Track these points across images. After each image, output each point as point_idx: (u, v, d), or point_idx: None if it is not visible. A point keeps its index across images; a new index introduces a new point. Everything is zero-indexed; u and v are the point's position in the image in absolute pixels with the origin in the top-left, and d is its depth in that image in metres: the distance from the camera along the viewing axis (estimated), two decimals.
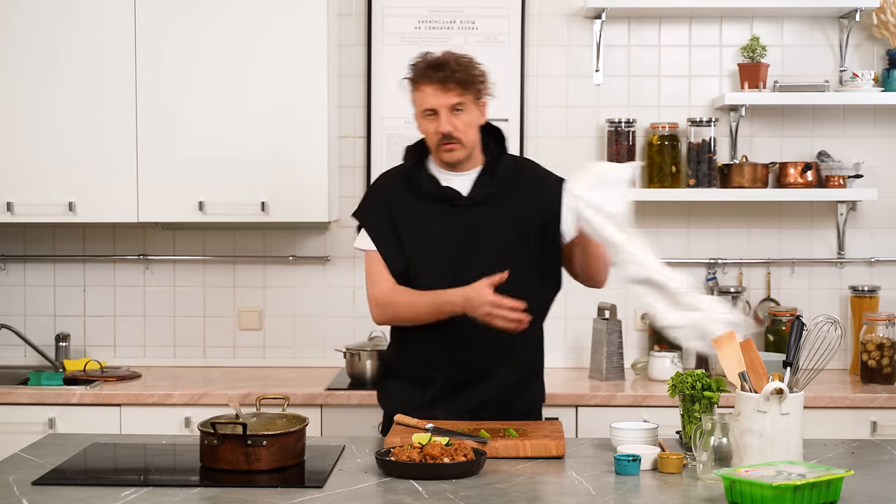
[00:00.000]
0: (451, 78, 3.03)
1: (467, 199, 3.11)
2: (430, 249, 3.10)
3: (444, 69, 3.04)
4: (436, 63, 3.06)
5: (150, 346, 4.56)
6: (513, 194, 3.12)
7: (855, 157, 4.42)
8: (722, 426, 2.56)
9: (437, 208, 3.11)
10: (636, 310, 4.51)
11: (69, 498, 2.47)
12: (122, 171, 4.18)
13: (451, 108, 3.05)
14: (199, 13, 4.16)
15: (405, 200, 3.14)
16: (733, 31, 4.48)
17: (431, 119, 3.07)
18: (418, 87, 3.08)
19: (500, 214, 3.10)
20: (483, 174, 3.14)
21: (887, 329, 4.15)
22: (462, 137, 3.07)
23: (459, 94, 3.05)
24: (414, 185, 3.14)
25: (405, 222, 3.13)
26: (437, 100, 3.04)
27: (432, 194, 3.12)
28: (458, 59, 3.08)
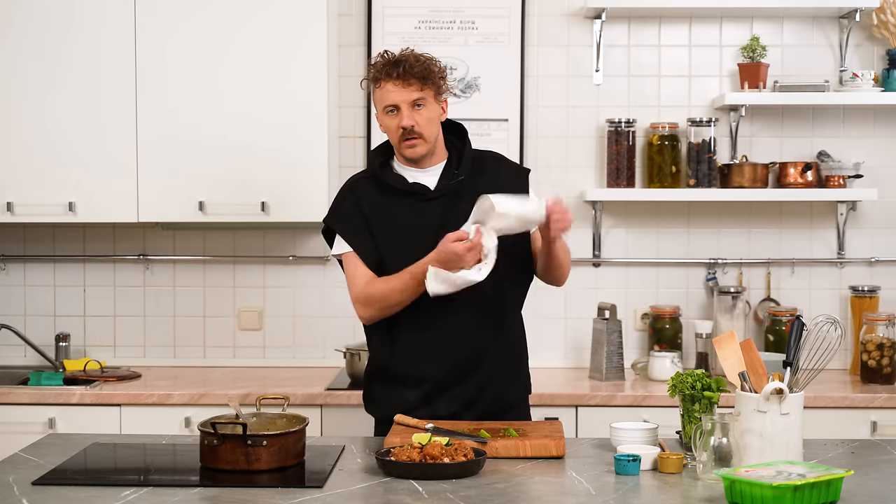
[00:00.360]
0: (410, 73, 3.07)
1: (436, 191, 3.15)
2: (404, 244, 3.12)
3: (404, 64, 3.08)
4: (395, 60, 3.10)
5: (150, 346, 4.56)
6: (479, 183, 3.14)
7: (855, 157, 4.42)
8: (722, 426, 2.56)
9: (406, 203, 3.14)
10: (636, 310, 4.51)
11: (69, 498, 2.47)
12: (122, 171, 4.19)
13: (412, 104, 3.08)
14: (199, 13, 4.16)
15: (375, 199, 3.17)
16: (733, 31, 4.48)
17: (393, 116, 3.11)
18: (379, 84, 3.11)
19: (469, 204, 3.07)
20: (448, 167, 3.18)
21: (887, 329, 4.15)
22: (423, 132, 3.10)
23: (419, 88, 3.08)
24: (382, 183, 3.17)
25: (377, 219, 3.16)
26: (398, 95, 3.08)
27: (401, 190, 3.15)
28: (417, 56, 3.12)
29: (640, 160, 4.47)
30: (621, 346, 4.24)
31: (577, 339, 4.44)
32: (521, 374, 3.26)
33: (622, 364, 4.23)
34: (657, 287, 4.53)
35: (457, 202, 3.12)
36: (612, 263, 4.53)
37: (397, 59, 3.10)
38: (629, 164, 4.41)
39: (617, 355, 4.21)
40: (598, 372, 4.22)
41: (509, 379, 3.20)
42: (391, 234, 3.14)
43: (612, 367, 4.20)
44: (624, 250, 4.53)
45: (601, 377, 4.20)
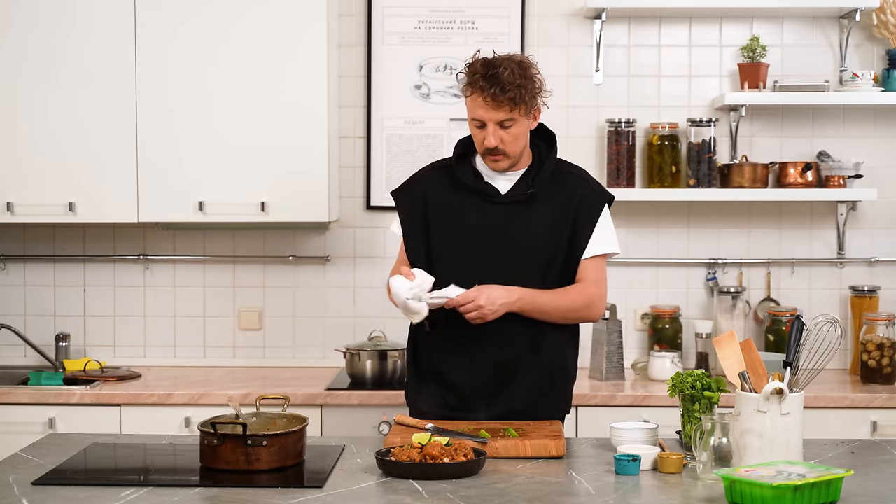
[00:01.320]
0: (501, 95, 2.97)
1: (504, 196, 3.11)
2: (460, 241, 3.11)
3: (497, 84, 2.96)
4: (490, 75, 2.98)
5: (150, 346, 4.56)
6: (553, 199, 3.12)
7: (855, 157, 4.42)
8: (722, 426, 2.56)
9: (473, 202, 3.12)
10: (636, 310, 4.51)
11: (69, 498, 2.47)
12: (122, 171, 4.18)
13: (500, 123, 3.02)
14: (200, 13, 4.16)
15: (443, 192, 3.15)
16: (733, 31, 4.48)
17: (480, 129, 3.05)
18: (469, 93, 3.03)
19: (535, 217, 3.09)
20: (526, 175, 3.13)
21: (887, 329, 4.15)
22: (508, 150, 3.05)
23: (509, 110, 3.00)
24: (455, 177, 3.14)
25: (440, 213, 3.14)
26: (486, 113, 3.01)
27: (471, 188, 3.11)
28: (514, 69, 2.99)
29: (640, 160, 4.47)
30: (621, 346, 4.24)
31: None
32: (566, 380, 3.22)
33: (622, 364, 4.23)
34: (657, 287, 4.53)
35: (524, 211, 3.10)
36: (613, 263, 4.50)
37: (493, 75, 2.97)
38: (629, 164, 4.41)
39: (617, 355, 4.21)
40: (598, 372, 4.22)
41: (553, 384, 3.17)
42: (449, 230, 3.13)
43: (612, 367, 4.20)
44: (624, 250, 4.50)
45: (601, 377, 4.20)
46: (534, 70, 3.05)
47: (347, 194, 4.50)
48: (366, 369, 4.09)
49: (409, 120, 4.50)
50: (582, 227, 3.13)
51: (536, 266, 3.10)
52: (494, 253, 3.09)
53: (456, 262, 3.10)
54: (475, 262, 3.09)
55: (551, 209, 3.11)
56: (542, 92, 3.06)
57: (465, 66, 3.06)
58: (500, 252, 3.09)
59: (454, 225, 3.13)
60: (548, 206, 3.11)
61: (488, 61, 3.01)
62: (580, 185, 3.17)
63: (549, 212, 3.11)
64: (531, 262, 3.09)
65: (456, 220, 3.12)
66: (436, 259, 3.13)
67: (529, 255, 3.09)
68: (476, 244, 3.10)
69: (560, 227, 3.11)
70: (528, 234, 3.09)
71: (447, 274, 3.08)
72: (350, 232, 4.52)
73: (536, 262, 3.10)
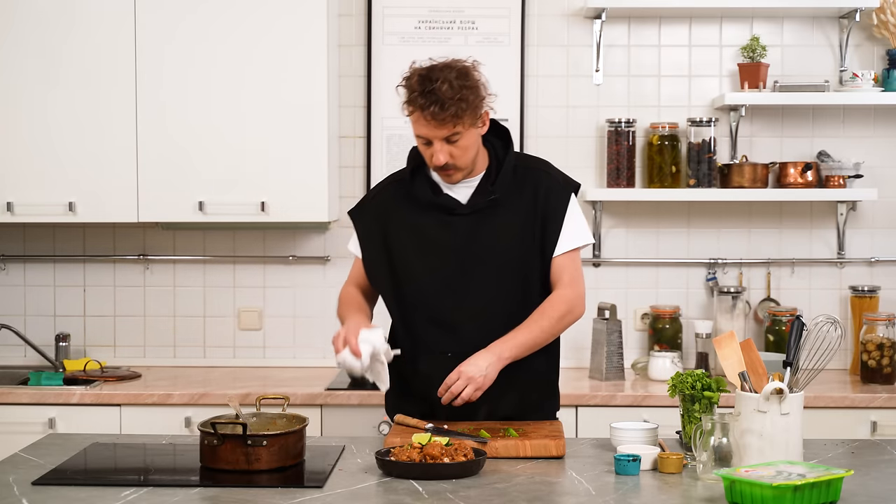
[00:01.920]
0: (442, 113, 2.83)
1: (466, 207, 2.99)
2: (428, 259, 3.00)
3: (436, 101, 2.82)
4: (427, 91, 2.84)
5: (150, 346, 4.56)
6: (517, 201, 3.00)
7: (855, 157, 4.42)
8: (722, 426, 2.56)
9: (436, 217, 3.00)
10: (636, 310, 4.51)
11: (69, 498, 2.47)
12: (122, 171, 4.19)
13: (446, 139, 2.89)
14: (199, 13, 4.16)
15: (403, 209, 3.04)
16: (733, 31, 4.48)
17: (426, 146, 2.93)
18: (409, 111, 2.90)
19: (502, 223, 2.99)
20: (485, 180, 3.01)
21: (887, 329, 4.15)
22: (459, 164, 2.93)
23: (453, 126, 2.86)
24: (412, 193, 3.03)
25: (401, 232, 3.03)
26: (430, 131, 2.87)
27: (429, 203, 3.01)
28: (452, 83, 2.84)
29: (640, 160, 4.47)
30: (621, 346, 4.24)
31: (577, 339, 4.44)
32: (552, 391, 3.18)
33: (622, 364, 4.23)
34: (657, 287, 4.53)
35: (490, 219, 2.98)
36: (612, 263, 4.53)
37: (431, 90, 2.83)
38: (629, 164, 4.41)
39: (617, 355, 4.21)
40: (598, 372, 4.22)
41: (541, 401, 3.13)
42: (416, 247, 3.01)
43: (612, 367, 4.20)
44: (624, 250, 4.53)
45: (601, 377, 4.20)
46: (475, 75, 2.91)
47: (347, 194, 4.49)
48: None
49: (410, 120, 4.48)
50: (551, 224, 3.00)
51: (512, 273, 3.00)
52: (466, 267, 2.98)
53: (428, 281, 3.00)
54: (448, 279, 2.99)
55: (517, 211, 3.00)
56: (485, 98, 2.91)
57: (401, 80, 2.92)
58: (472, 265, 2.98)
59: (419, 243, 3.01)
60: (513, 209, 2.99)
61: (424, 75, 2.86)
62: (544, 181, 3.04)
63: (515, 215, 2.99)
64: (506, 270, 2.99)
65: (420, 238, 3.01)
66: (404, 279, 3.03)
67: (503, 264, 2.99)
68: (445, 260, 2.99)
69: (530, 227, 3.00)
70: (498, 242, 2.98)
71: (419, 293, 3.01)
72: (350, 232, 4.48)
73: (511, 269, 3.00)
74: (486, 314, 2.99)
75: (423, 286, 3.01)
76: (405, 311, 3.06)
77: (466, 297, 2.99)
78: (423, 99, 2.84)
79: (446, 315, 3.00)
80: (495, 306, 3.00)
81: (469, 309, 3.00)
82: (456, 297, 2.99)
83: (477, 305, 3.00)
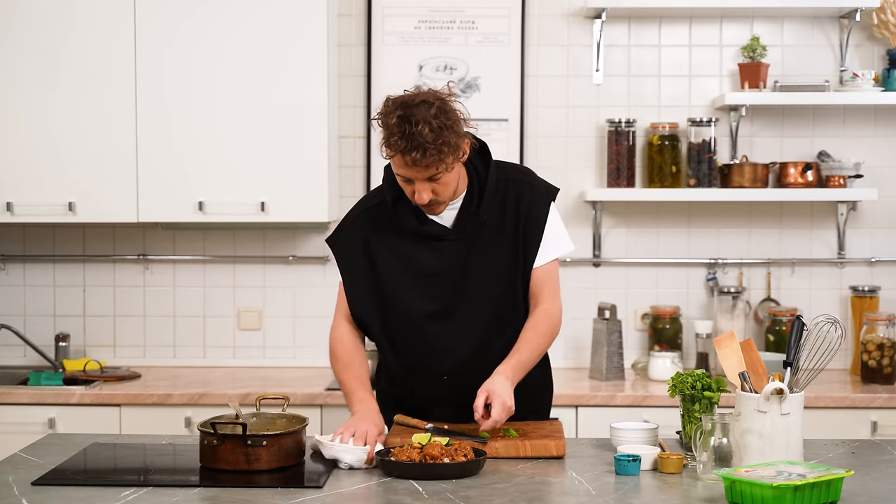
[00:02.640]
0: (423, 160, 2.75)
1: (454, 232, 2.94)
2: (420, 287, 2.96)
3: (417, 147, 2.74)
4: (408, 134, 2.74)
5: (150, 346, 4.56)
6: (503, 218, 2.96)
7: (855, 157, 4.42)
8: (722, 426, 2.56)
9: (423, 245, 2.95)
10: (636, 310, 4.51)
11: (69, 498, 2.46)
12: (121, 171, 4.19)
13: (428, 179, 2.82)
14: (199, 14, 4.16)
15: (386, 238, 2.98)
16: (733, 31, 4.48)
17: (407, 184, 2.85)
18: (388, 154, 2.81)
19: (490, 243, 2.95)
20: (468, 201, 2.94)
21: (887, 329, 4.15)
22: (441, 198, 2.87)
23: (435, 169, 2.78)
24: (396, 221, 2.96)
25: (387, 257, 2.97)
26: (412, 174, 2.80)
27: (416, 233, 2.95)
28: (431, 124, 2.74)
29: (640, 160, 4.47)
30: (621, 347, 4.24)
31: (577, 340, 4.44)
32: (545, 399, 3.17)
33: (622, 364, 4.23)
34: (657, 287, 4.53)
35: (477, 241, 2.95)
36: (612, 263, 4.53)
37: (411, 134, 2.73)
38: (629, 164, 4.41)
39: (617, 355, 4.21)
40: (599, 372, 4.22)
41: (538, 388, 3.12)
42: (405, 276, 2.96)
43: (612, 367, 4.20)
44: (624, 250, 4.53)
45: (601, 377, 4.20)
46: (453, 112, 2.80)
47: (347, 194, 4.49)
48: None
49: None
50: (531, 235, 2.97)
51: (502, 291, 2.97)
52: (458, 289, 2.95)
53: (420, 306, 2.95)
54: (440, 302, 2.95)
55: (503, 228, 2.96)
56: (465, 134, 2.83)
57: (377, 117, 2.84)
58: (466, 289, 2.95)
59: (408, 268, 2.95)
60: (499, 227, 2.95)
61: (402, 117, 2.76)
62: (525, 192, 2.98)
63: (501, 233, 2.96)
64: (497, 290, 2.96)
65: (409, 264, 2.95)
66: (394, 304, 2.97)
67: (494, 284, 2.96)
68: (438, 287, 2.95)
69: (515, 244, 2.96)
70: (490, 263, 2.95)
71: (409, 319, 2.97)
72: None
73: (502, 288, 2.97)
74: (480, 333, 2.96)
75: (414, 310, 2.97)
76: (394, 334, 3.01)
77: (458, 318, 2.96)
78: (403, 143, 2.75)
79: (438, 337, 2.97)
80: (487, 325, 2.97)
81: (462, 329, 2.97)
82: (448, 320, 2.96)
83: (469, 326, 2.97)
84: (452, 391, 2.98)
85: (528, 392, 3.05)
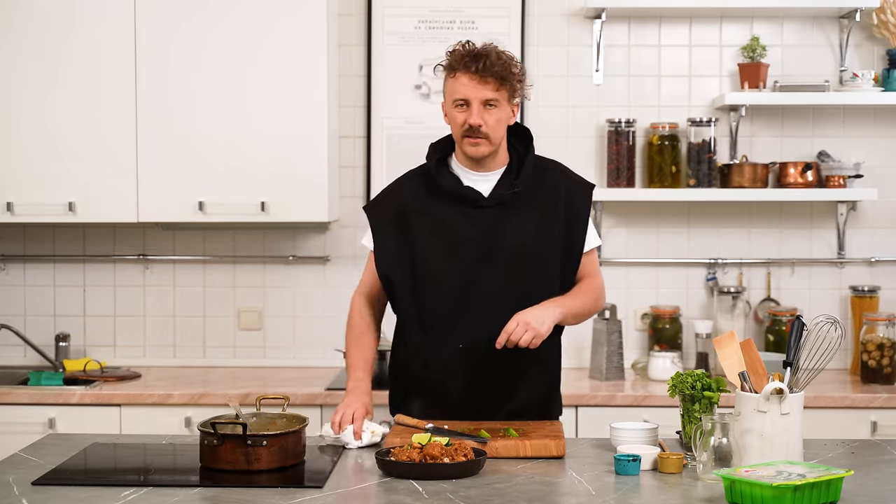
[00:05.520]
0: (489, 70, 2.92)
1: (489, 199, 3.03)
2: (449, 250, 3.03)
3: (484, 60, 2.93)
4: (476, 53, 2.95)
5: (150, 346, 4.56)
6: (538, 197, 3.05)
7: (855, 157, 4.43)
8: (722, 426, 2.56)
9: (458, 208, 3.04)
10: (636, 310, 4.52)
11: (69, 498, 2.47)
12: (121, 171, 4.19)
13: (484, 103, 2.94)
14: (200, 14, 4.16)
15: (423, 202, 3.06)
16: (733, 31, 4.49)
17: (461, 110, 2.97)
18: (454, 74, 2.96)
19: (522, 217, 3.03)
20: (507, 174, 3.05)
21: (887, 329, 4.15)
22: (490, 133, 2.97)
23: (495, 88, 2.94)
24: (434, 183, 3.06)
25: (420, 223, 3.06)
26: (472, 91, 2.94)
27: (452, 194, 3.04)
28: (500, 53, 2.97)
29: (640, 160, 4.47)
30: (621, 346, 4.24)
31: (577, 339, 4.44)
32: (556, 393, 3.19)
33: (622, 364, 4.23)
34: (657, 287, 4.53)
35: (509, 214, 3.03)
36: (612, 263, 4.53)
37: (478, 53, 2.94)
38: (629, 164, 4.41)
39: (617, 355, 4.21)
40: (598, 372, 4.22)
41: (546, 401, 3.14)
42: (436, 239, 3.04)
43: (612, 367, 4.20)
44: (624, 250, 4.53)
45: (601, 377, 4.20)
46: (518, 61, 3.03)
47: (347, 194, 4.50)
48: None
49: (409, 120, 4.50)
50: (577, 223, 3.08)
51: (528, 266, 3.03)
52: (487, 258, 3.02)
53: (447, 272, 3.02)
54: (468, 270, 3.02)
55: (537, 207, 3.05)
56: (525, 83, 3.03)
57: (446, 54, 3.01)
58: (493, 256, 3.02)
59: (440, 234, 3.04)
60: (533, 205, 3.04)
61: (472, 45, 2.99)
62: (563, 180, 3.11)
63: (535, 210, 3.04)
64: (523, 264, 3.03)
65: (442, 229, 3.03)
66: (420, 270, 3.05)
67: (520, 257, 3.03)
68: (466, 251, 3.02)
69: (550, 224, 3.04)
70: (518, 235, 3.02)
71: (435, 283, 3.03)
72: (350, 232, 4.52)
73: (528, 263, 3.03)
74: (501, 306, 2.99)
75: (440, 276, 3.04)
76: (419, 301, 3.07)
77: (482, 288, 3.02)
78: (471, 59, 2.93)
79: (461, 306, 3.02)
80: (510, 299, 3.01)
81: (484, 300, 3.02)
82: (472, 289, 3.02)
83: (492, 297, 3.02)
84: (466, 365, 3.02)
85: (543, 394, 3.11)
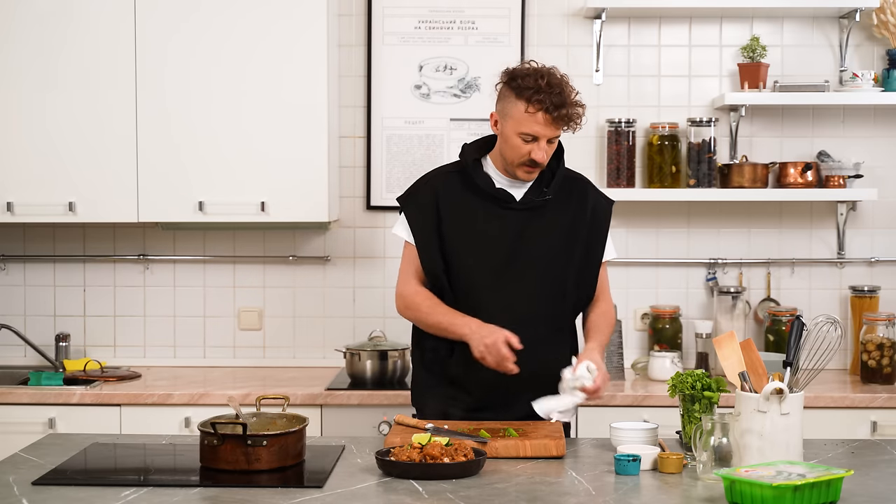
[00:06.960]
0: (565, 118, 3.03)
1: (520, 202, 3.14)
2: (476, 247, 3.13)
3: (563, 105, 3.02)
4: (557, 94, 3.02)
5: (150, 346, 4.56)
6: (565, 206, 3.17)
7: (855, 157, 4.43)
8: (722, 426, 2.56)
9: (488, 208, 3.14)
10: (636, 310, 4.51)
11: (69, 498, 2.47)
12: (121, 171, 4.19)
13: (550, 140, 3.07)
14: (200, 13, 4.16)
15: (456, 196, 3.16)
16: (733, 31, 4.49)
17: (527, 141, 3.06)
18: (530, 109, 3.03)
19: (550, 223, 3.14)
20: (538, 183, 3.16)
21: (887, 329, 4.15)
22: (544, 163, 3.10)
23: (565, 129, 3.07)
24: (469, 182, 3.16)
25: (453, 218, 3.15)
26: (545, 130, 3.04)
27: (486, 193, 3.13)
28: (574, 98, 3.05)
29: (640, 160, 4.47)
30: (621, 346, 4.24)
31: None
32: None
33: (622, 364, 4.24)
34: (657, 287, 4.53)
35: (540, 217, 3.15)
36: (612, 263, 4.49)
37: (560, 98, 3.02)
38: (629, 164, 4.41)
39: (617, 355, 4.21)
40: None
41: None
42: (464, 235, 3.14)
43: (612, 367, 4.20)
44: (624, 250, 4.53)
45: None
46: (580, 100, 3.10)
47: (347, 194, 4.50)
48: (366, 369, 4.09)
49: (409, 120, 4.50)
50: (598, 234, 3.22)
51: (553, 270, 3.14)
52: (512, 259, 3.12)
53: (473, 268, 3.12)
54: (494, 270, 3.12)
55: (565, 214, 3.17)
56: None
57: (511, 76, 3.10)
58: (518, 258, 3.12)
59: (470, 231, 3.14)
60: (562, 212, 3.17)
61: (544, 74, 3.05)
62: (591, 192, 3.25)
63: (563, 217, 3.17)
64: (548, 268, 3.14)
65: (472, 226, 3.14)
66: (451, 266, 3.14)
67: (547, 261, 3.14)
68: (494, 250, 3.13)
69: (576, 232, 3.17)
70: (545, 239, 3.14)
71: (464, 281, 3.12)
72: (350, 232, 4.52)
73: (554, 267, 3.14)
74: (523, 307, 3.10)
75: (469, 274, 3.13)
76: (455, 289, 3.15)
77: (507, 288, 3.11)
78: (551, 101, 3.01)
79: (486, 304, 3.10)
80: (531, 300, 3.12)
81: (508, 300, 3.11)
82: (498, 288, 3.11)
83: (516, 298, 3.12)
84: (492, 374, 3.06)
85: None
